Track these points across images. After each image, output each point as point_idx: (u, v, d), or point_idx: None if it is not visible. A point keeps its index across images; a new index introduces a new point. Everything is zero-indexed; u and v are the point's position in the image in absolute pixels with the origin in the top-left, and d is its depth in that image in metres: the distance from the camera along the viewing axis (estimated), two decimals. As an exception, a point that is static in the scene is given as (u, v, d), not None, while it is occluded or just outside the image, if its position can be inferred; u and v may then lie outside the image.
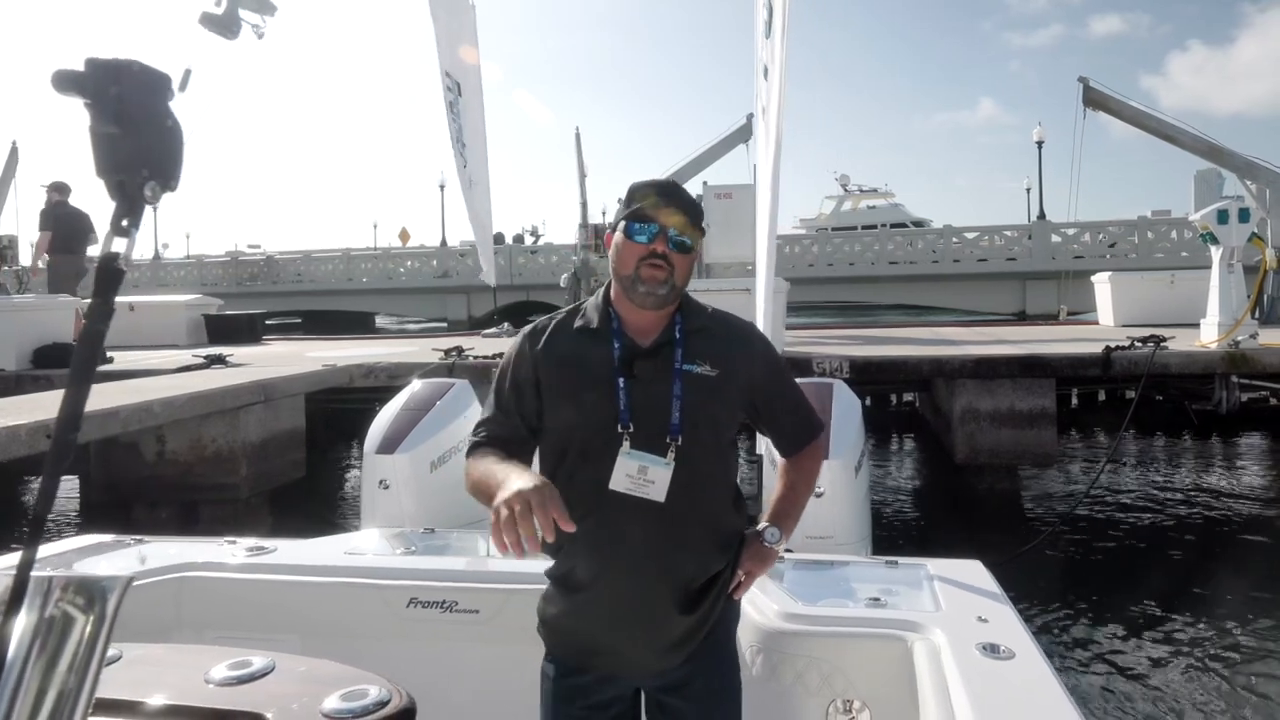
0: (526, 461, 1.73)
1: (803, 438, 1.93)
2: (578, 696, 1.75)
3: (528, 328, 1.84)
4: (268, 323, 28.95)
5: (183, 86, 1.14)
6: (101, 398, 5.86)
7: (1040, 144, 32.08)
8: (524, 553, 1.40)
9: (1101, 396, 11.22)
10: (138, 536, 2.82)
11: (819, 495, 3.37)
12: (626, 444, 1.67)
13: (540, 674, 1.81)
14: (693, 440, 1.70)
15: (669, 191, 1.75)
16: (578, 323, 1.79)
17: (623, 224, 1.74)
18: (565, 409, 1.73)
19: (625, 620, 1.69)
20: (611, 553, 1.67)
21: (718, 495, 1.78)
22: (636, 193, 1.74)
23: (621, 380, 1.69)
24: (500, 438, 1.75)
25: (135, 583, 2.46)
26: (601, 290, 1.82)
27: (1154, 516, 7.79)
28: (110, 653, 1.09)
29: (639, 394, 1.70)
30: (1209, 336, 8.16)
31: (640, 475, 1.66)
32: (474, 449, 1.76)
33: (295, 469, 7.58)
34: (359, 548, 2.90)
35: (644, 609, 1.69)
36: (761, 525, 1.86)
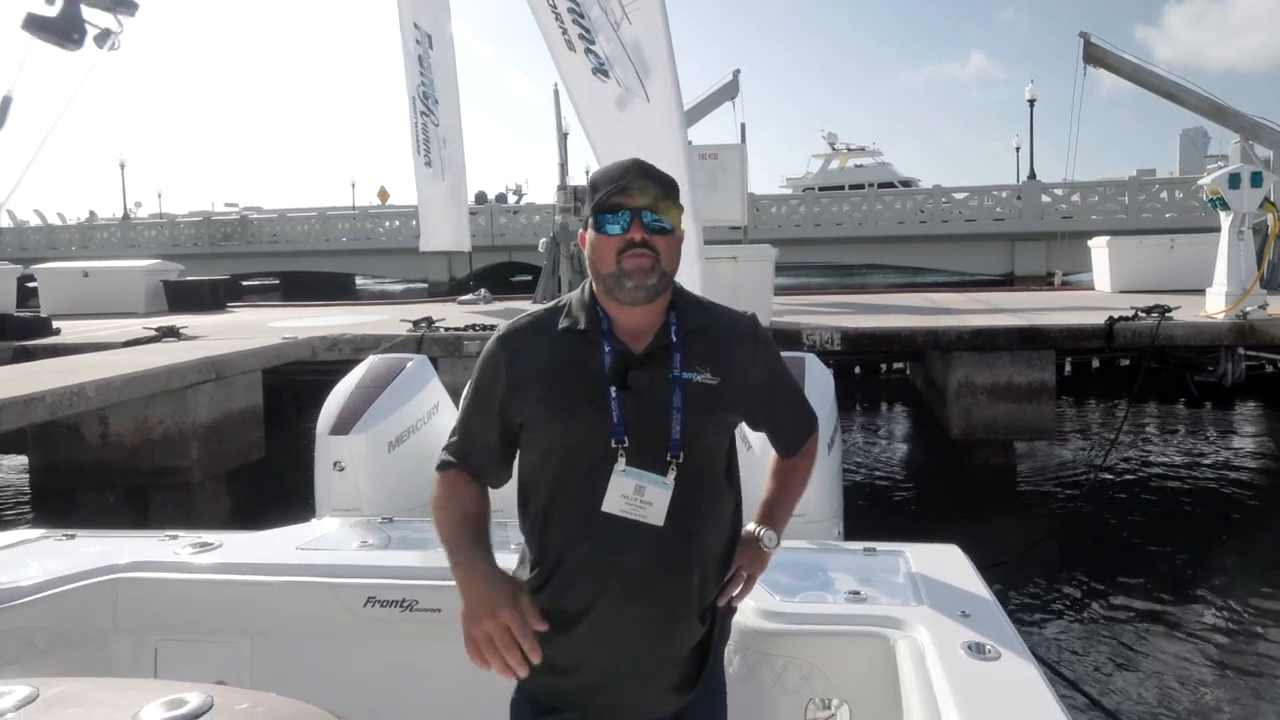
0: (502, 476, 1.67)
1: (801, 435, 1.79)
2: None
3: (502, 329, 1.64)
4: (246, 284, 28.27)
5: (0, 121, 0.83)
6: (30, 379, 5.39)
7: (1032, 102, 31.42)
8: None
9: (1095, 363, 10.94)
10: (70, 532, 2.67)
11: None
12: (622, 461, 1.51)
13: (511, 702, 1.65)
14: (695, 456, 1.55)
15: (634, 171, 1.56)
16: (562, 323, 1.59)
17: (591, 219, 1.56)
18: (551, 424, 1.56)
19: (621, 657, 1.55)
20: (605, 582, 1.53)
21: (721, 513, 1.63)
22: (599, 181, 1.57)
23: (613, 390, 1.52)
24: (469, 458, 1.64)
25: (67, 586, 2.13)
26: (586, 286, 1.63)
27: (1154, 500, 7.49)
28: (24, 691, 1.04)
29: (633, 406, 1.53)
30: (1215, 306, 7.82)
31: (636, 496, 1.51)
32: (444, 468, 1.65)
33: (253, 449, 7.14)
34: (312, 542, 2.73)
35: (642, 644, 1.55)
36: (756, 529, 1.73)
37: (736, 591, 1.68)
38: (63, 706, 1.08)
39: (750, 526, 1.73)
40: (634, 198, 1.52)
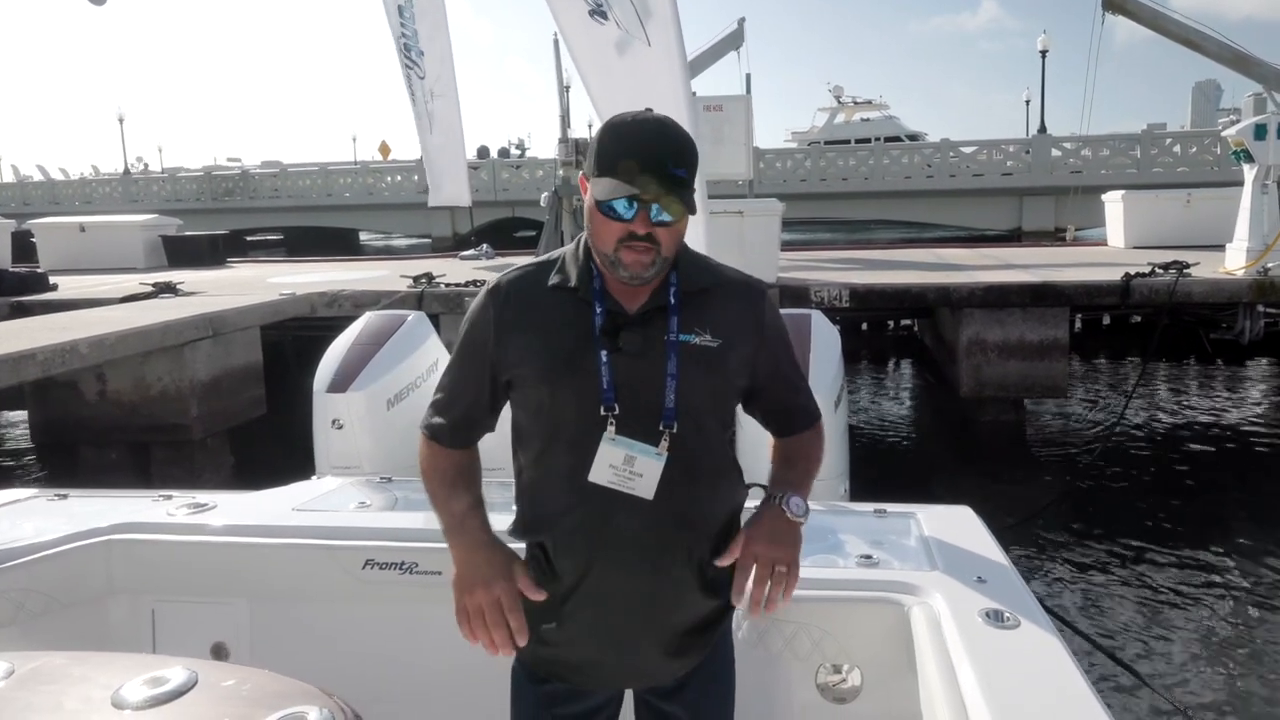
0: (479, 434, 1.60)
1: (798, 424, 1.63)
2: (557, 704, 1.58)
3: (491, 282, 1.54)
4: (250, 240, 28.00)
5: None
6: (24, 335, 5.28)
7: (1044, 53, 30.76)
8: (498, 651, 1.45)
9: (1106, 320, 10.78)
10: (62, 491, 2.63)
11: None
12: (611, 428, 1.42)
13: (511, 670, 1.61)
14: (690, 426, 1.45)
15: (653, 149, 1.37)
16: (553, 279, 1.49)
17: (594, 184, 1.41)
18: (538, 386, 1.48)
19: (616, 631, 1.49)
20: (596, 554, 1.46)
21: (721, 483, 1.53)
22: (611, 147, 1.39)
23: (604, 354, 1.43)
24: (457, 424, 1.56)
25: (60, 547, 2.06)
26: (580, 240, 1.52)
27: (1168, 458, 7.40)
28: None
29: (624, 370, 1.43)
30: (1236, 262, 7.65)
31: (626, 467, 1.43)
32: (431, 436, 1.56)
33: (254, 406, 7.06)
34: (309, 502, 2.65)
35: (638, 618, 1.48)
36: (777, 494, 1.51)
37: (767, 589, 1.43)
38: (38, 683, 1.02)
39: (771, 498, 1.52)
40: (649, 188, 1.36)
